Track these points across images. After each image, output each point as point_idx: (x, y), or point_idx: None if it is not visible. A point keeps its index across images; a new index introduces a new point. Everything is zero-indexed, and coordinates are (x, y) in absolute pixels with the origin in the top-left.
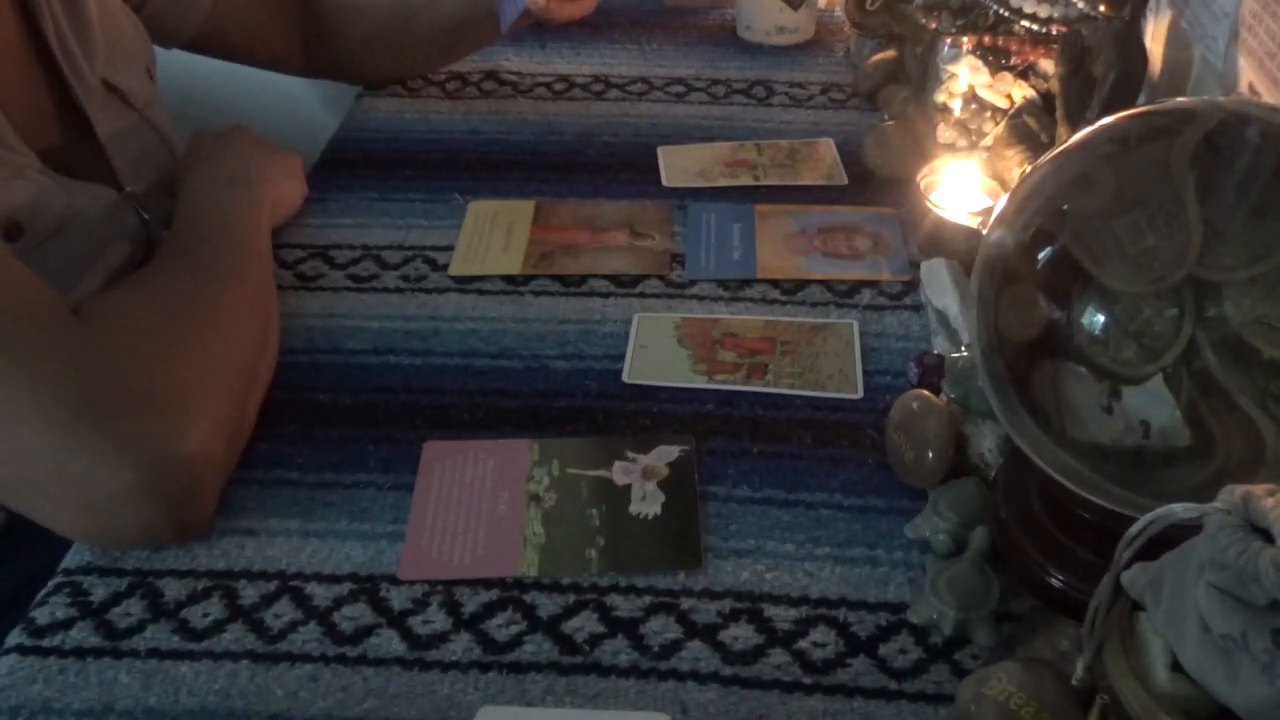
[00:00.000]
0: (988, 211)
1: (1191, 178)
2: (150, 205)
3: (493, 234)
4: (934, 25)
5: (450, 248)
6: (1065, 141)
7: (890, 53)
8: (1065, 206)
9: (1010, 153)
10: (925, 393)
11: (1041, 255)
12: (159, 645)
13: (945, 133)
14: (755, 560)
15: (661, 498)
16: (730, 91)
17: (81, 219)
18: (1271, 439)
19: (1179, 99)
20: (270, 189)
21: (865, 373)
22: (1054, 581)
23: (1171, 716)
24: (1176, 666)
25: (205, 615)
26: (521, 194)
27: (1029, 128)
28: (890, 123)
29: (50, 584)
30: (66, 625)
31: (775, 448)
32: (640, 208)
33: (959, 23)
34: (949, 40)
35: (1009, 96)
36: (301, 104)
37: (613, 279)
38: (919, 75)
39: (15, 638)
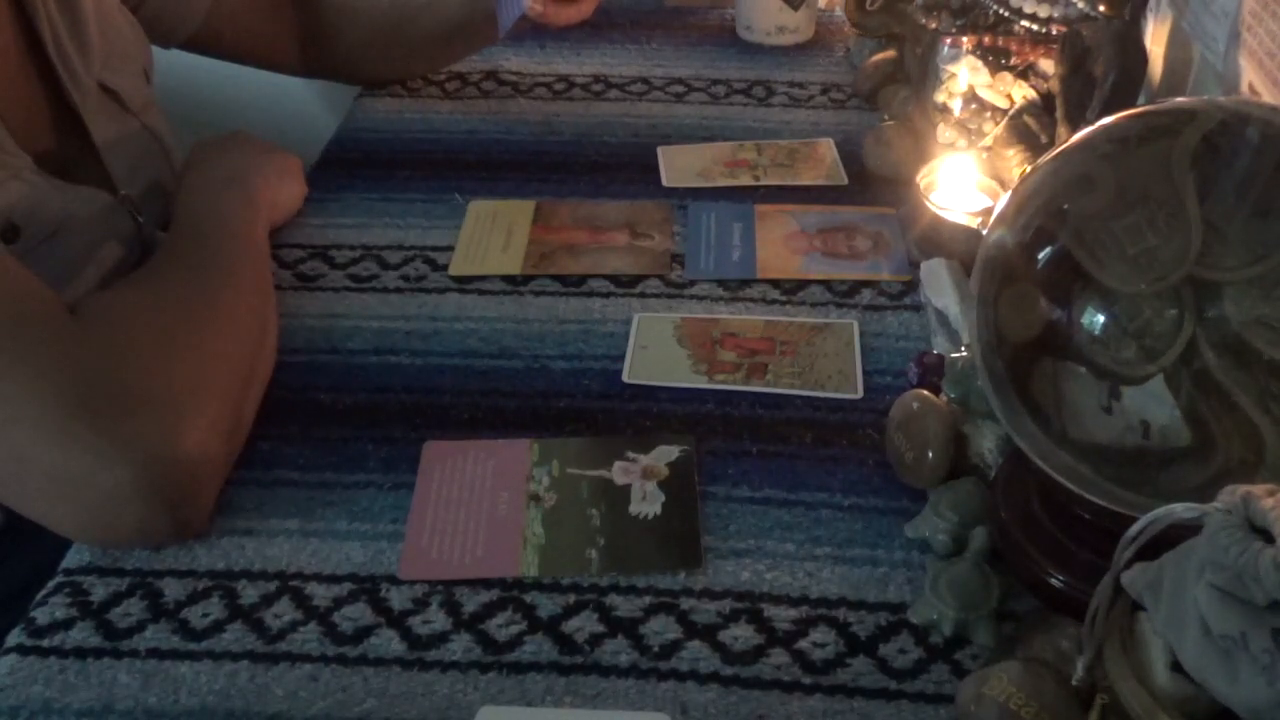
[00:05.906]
0: (987, 211)
1: (1191, 178)
2: (145, 208)
3: (493, 234)
4: (934, 25)
5: (450, 248)
6: (1065, 141)
7: (890, 53)
8: (1065, 206)
9: (1010, 153)
10: (925, 393)
11: (1041, 255)
12: (159, 645)
13: (945, 133)
14: (755, 560)
15: (661, 498)
16: (730, 91)
17: (76, 222)
18: (1271, 439)
19: (1179, 99)
20: (267, 189)
21: (865, 373)
22: (1054, 581)
23: (1171, 716)
24: (1176, 666)
25: (205, 615)
26: (521, 194)
27: (1029, 128)
28: (890, 123)
29: (50, 584)
30: (66, 625)
31: (775, 448)
32: (640, 208)
33: (959, 23)
34: (949, 40)
35: (1009, 96)
36: (301, 104)
37: (613, 279)
38: (919, 75)
39: (15, 638)
